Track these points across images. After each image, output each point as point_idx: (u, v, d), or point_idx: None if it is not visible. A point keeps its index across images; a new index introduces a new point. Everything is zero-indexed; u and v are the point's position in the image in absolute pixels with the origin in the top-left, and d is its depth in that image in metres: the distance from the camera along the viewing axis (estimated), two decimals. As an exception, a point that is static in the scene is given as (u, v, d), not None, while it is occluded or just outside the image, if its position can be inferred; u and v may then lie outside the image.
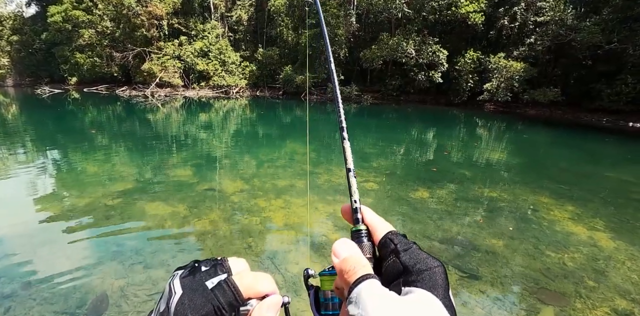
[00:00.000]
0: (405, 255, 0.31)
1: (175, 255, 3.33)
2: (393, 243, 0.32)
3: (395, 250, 0.32)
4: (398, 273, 0.29)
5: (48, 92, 30.41)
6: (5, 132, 11.02)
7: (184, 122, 14.36)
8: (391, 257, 0.31)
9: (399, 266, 0.30)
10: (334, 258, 0.32)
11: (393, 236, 0.34)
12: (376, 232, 0.35)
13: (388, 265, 0.31)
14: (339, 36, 25.57)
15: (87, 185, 5.46)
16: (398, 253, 0.31)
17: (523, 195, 5.36)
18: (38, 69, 37.74)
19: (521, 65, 20.64)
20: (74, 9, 31.49)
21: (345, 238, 0.34)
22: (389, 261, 0.31)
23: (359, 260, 0.31)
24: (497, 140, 11.68)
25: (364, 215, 0.37)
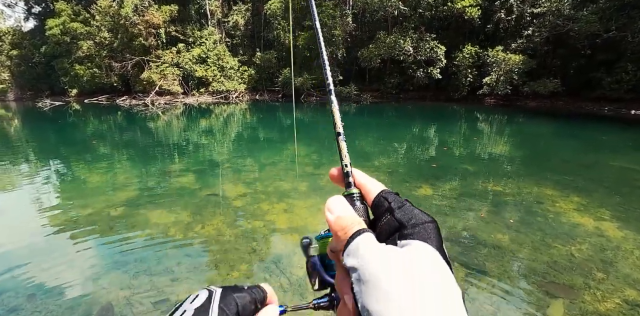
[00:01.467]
0: (399, 212, 0.31)
1: (180, 261, 3.33)
2: (387, 202, 0.32)
3: (390, 207, 0.32)
4: (394, 230, 0.29)
5: (49, 104, 30.67)
6: (8, 146, 11.11)
7: (185, 128, 14.41)
8: (386, 216, 0.31)
9: (394, 223, 0.30)
10: (328, 215, 0.31)
11: (387, 194, 0.33)
12: (369, 193, 0.35)
13: (383, 224, 0.31)
14: (336, 36, 25.59)
15: (91, 195, 5.48)
16: (392, 211, 0.31)
17: (527, 188, 5.31)
18: (38, 82, 38.09)
19: (520, 57, 20.54)
20: (72, 21, 31.78)
21: (339, 195, 0.34)
22: (383, 220, 0.31)
23: (353, 217, 0.31)
24: (498, 133, 11.62)
25: (356, 178, 0.36)
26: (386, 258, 0.25)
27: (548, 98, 20.67)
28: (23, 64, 37.86)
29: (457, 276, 1.67)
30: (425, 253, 0.26)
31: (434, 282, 0.24)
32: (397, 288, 0.23)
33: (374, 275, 0.24)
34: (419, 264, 0.25)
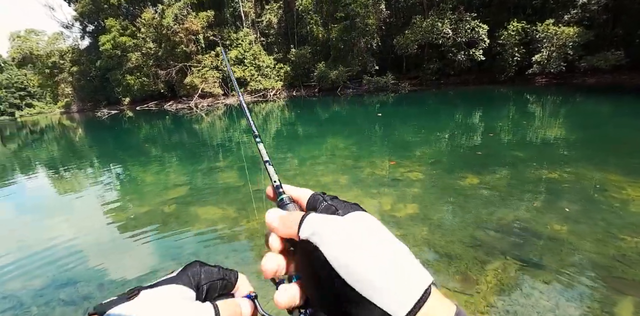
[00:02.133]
0: (333, 201, 0.36)
1: (227, 255, 3.49)
2: (321, 197, 0.38)
3: (324, 199, 0.37)
4: (332, 211, 0.35)
5: (107, 113, 33.54)
6: (74, 152, 12.36)
7: (227, 128, 15.01)
8: (322, 203, 0.36)
9: (331, 207, 0.35)
10: (269, 219, 0.36)
11: (318, 194, 0.39)
12: (301, 196, 0.40)
13: (322, 209, 0.36)
14: (369, 26, 25.01)
15: (146, 194, 5.93)
16: (327, 200, 0.37)
17: (588, 174, 4.84)
18: (96, 94, 41.78)
19: (574, 29, 18.60)
20: (121, 35, 34.30)
21: (271, 209, 0.38)
22: (321, 206, 0.36)
23: (296, 212, 0.36)
24: (552, 115, 10.69)
25: (286, 189, 0.41)
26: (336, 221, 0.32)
27: (609, 73, 18.54)
28: (82, 79, 41.71)
29: (509, 270, 1.55)
30: (367, 217, 0.33)
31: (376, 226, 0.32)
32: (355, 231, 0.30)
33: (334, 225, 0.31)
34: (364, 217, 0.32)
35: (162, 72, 32.69)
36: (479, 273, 2.77)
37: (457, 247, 3.20)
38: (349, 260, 0.28)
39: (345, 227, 0.31)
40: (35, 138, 21.12)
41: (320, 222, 0.32)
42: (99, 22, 39.26)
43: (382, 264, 0.28)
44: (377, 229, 0.31)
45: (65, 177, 8.27)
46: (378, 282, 0.27)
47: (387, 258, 0.28)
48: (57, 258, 3.79)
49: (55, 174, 8.69)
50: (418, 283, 0.28)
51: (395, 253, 0.29)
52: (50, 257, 3.82)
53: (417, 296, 0.27)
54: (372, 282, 0.27)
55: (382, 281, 0.27)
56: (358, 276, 0.27)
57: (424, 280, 0.28)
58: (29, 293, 3.14)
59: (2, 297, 3.12)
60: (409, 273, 0.28)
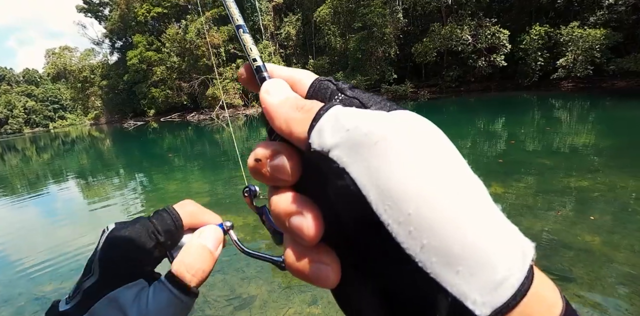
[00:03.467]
0: (352, 92, 0.22)
1: (249, 262, 3.52)
2: (332, 83, 0.23)
3: (340, 88, 0.22)
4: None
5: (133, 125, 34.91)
6: (102, 161, 12.90)
7: (247, 138, 15.30)
8: (337, 96, 0.21)
9: (352, 101, 0.21)
10: (267, 97, 0.21)
11: (328, 78, 0.24)
12: (300, 81, 0.24)
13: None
14: (387, 35, 25.12)
15: (169, 202, 5.96)
16: (344, 90, 0.22)
17: (621, 182, 4.60)
18: (123, 106, 43.69)
19: (601, 31, 17.96)
20: (147, 50, 35.93)
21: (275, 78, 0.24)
22: (335, 101, 0.21)
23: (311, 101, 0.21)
24: (580, 121, 10.29)
25: (273, 71, 0.25)
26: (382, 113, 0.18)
27: (642, 76, 17.72)
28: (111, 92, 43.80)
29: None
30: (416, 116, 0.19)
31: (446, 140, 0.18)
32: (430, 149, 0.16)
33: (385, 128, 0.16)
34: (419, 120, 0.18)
35: (185, 84, 33.92)
36: (506, 285, 2.66)
37: (482, 258, 3.10)
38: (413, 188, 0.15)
39: (403, 127, 0.17)
40: (67, 149, 22.24)
41: (352, 117, 0.17)
42: (127, 38, 41.40)
43: (475, 207, 0.16)
44: (449, 144, 0.18)
45: (94, 185, 8.64)
46: (464, 247, 0.15)
47: (477, 197, 0.16)
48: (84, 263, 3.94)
49: (85, 183, 9.09)
50: (519, 253, 0.16)
51: (481, 193, 0.17)
52: (80, 262, 3.97)
53: (519, 279, 0.15)
54: (453, 246, 0.14)
55: (474, 245, 0.15)
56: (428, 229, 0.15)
57: (527, 249, 0.16)
58: (60, 296, 3.21)
59: (35, 298, 3.27)
60: (504, 232, 0.16)
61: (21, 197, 8.14)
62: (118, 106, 44.26)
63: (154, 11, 36.18)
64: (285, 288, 2.98)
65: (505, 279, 0.15)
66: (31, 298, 3.30)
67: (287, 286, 3.01)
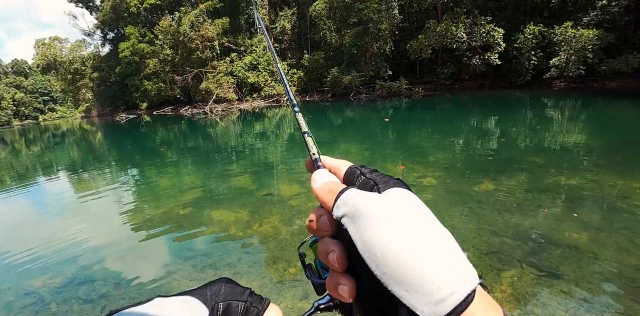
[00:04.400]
0: (371, 175, 0.32)
1: (240, 257, 3.53)
2: (359, 170, 0.34)
3: (362, 172, 0.33)
4: (371, 186, 0.31)
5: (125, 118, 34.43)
6: (94, 155, 12.73)
7: (241, 133, 15.21)
8: (360, 178, 0.32)
9: (370, 182, 0.31)
10: (314, 184, 0.33)
11: (357, 165, 0.35)
12: (339, 169, 0.36)
13: (359, 184, 0.32)
14: (382, 31, 25.06)
15: (162, 197, 6.05)
16: (365, 174, 0.33)
17: (609, 181, 4.69)
18: (115, 99, 43.03)
19: (594, 32, 18.17)
20: (140, 42, 35.33)
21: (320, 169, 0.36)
22: (359, 181, 0.32)
23: (337, 182, 0.33)
24: (571, 120, 10.43)
25: (325, 162, 0.38)
26: (372, 194, 0.28)
27: (632, 77, 17.97)
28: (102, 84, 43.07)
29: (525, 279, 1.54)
30: (404, 192, 0.29)
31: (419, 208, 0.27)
32: (386, 212, 0.25)
33: (368, 208, 0.26)
34: (402, 195, 0.28)
35: (179, 77, 33.49)
36: (494, 281, 2.71)
37: (472, 254, 3.14)
38: (376, 243, 0.24)
39: (379, 205, 0.26)
40: (57, 142, 21.88)
41: (353, 198, 0.27)
42: (119, 29, 40.61)
43: (417, 252, 0.23)
44: (418, 210, 0.27)
45: (85, 179, 8.53)
46: (407, 275, 0.22)
47: (424, 245, 0.23)
48: (76, 257, 3.91)
49: (75, 176, 8.97)
50: (460, 281, 0.22)
51: (436, 241, 0.24)
52: (69, 256, 3.94)
53: (457, 299, 0.22)
54: (400, 274, 0.22)
55: (413, 274, 0.22)
56: (385, 265, 0.23)
57: (468, 279, 0.23)
58: (49, 290, 3.25)
59: (25, 293, 3.23)
60: (449, 267, 0.23)
61: (10, 190, 8.01)
62: (110, 99, 43.55)
63: (146, 2, 35.50)
64: (277, 283, 2.99)
65: (446, 298, 0.21)
66: (20, 293, 3.27)
67: (279, 281, 3.03)
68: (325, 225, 0.30)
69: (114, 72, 39.28)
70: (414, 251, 0.23)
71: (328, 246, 0.29)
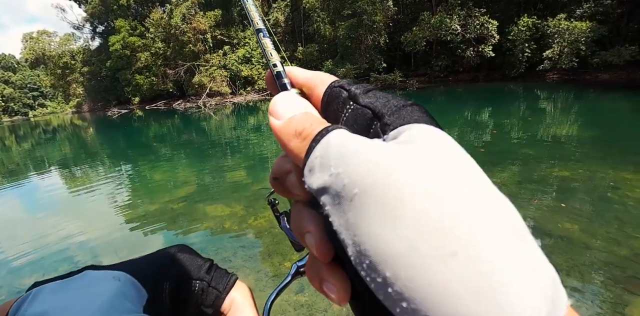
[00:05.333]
0: (366, 97, 0.20)
1: (235, 252, 3.52)
2: (344, 90, 0.21)
3: (352, 95, 0.21)
4: (366, 123, 0.19)
5: (117, 113, 33.98)
6: (86, 151, 12.58)
7: (235, 127, 15.10)
8: (348, 107, 0.20)
9: (364, 111, 0.19)
10: (274, 121, 0.21)
11: (341, 83, 0.22)
12: (316, 88, 0.23)
13: (347, 118, 0.20)
14: (377, 23, 24.86)
15: (156, 192, 6.01)
16: (356, 97, 0.20)
17: (600, 172, 4.74)
18: (107, 94, 42.41)
19: (587, 24, 18.19)
20: (130, 35, 34.69)
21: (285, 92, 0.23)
22: (345, 113, 0.20)
23: (312, 116, 0.20)
24: (564, 112, 10.50)
25: (295, 75, 0.25)
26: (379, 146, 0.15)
27: (624, 69, 18.05)
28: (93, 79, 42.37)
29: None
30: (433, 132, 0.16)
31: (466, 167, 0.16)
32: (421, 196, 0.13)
33: (374, 179, 0.14)
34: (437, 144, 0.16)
35: (171, 71, 33.03)
36: (488, 272, 2.73)
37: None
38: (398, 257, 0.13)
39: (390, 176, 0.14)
40: (48, 138, 21.57)
41: (342, 155, 0.15)
42: (109, 22, 39.81)
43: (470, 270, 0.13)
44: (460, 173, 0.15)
45: (77, 175, 8.43)
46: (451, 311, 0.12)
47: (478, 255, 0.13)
48: (68, 254, 3.88)
49: (67, 172, 8.86)
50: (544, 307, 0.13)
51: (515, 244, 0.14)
52: (62, 253, 3.90)
53: None
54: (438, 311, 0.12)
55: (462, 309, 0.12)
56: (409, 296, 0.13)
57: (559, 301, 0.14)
58: (42, 289, 3.21)
59: (17, 292, 3.20)
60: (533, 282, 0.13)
61: (1, 187, 7.90)
62: (101, 93, 42.89)
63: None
64: (273, 277, 3.00)
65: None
66: (12, 290, 3.23)
67: (275, 275, 3.03)
68: (295, 188, 0.19)
69: (105, 66, 38.62)
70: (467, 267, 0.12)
71: (302, 221, 0.19)
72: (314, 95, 0.23)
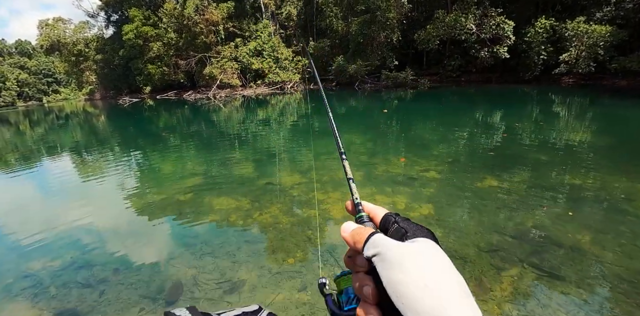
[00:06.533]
0: (404, 223, 0.37)
1: (240, 246, 3.52)
2: (393, 217, 0.39)
3: (396, 220, 0.39)
4: (401, 235, 0.35)
5: (128, 101, 34.24)
6: (98, 139, 12.70)
7: (244, 119, 15.10)
8: (394, 225, 0.38)
9: (400, 230, 0.36)
10: (344, 234, 0.38)
11: (391, 214, 0.41)
12: (377, 215, 0.42)
13: (392, 232, 0.37)
14: (390, 20, 24.55)
15: (163, 182, 6.04)
16: (398, 222, 0.38)
17: (614, 182, 4.63)
18: (119, 82, 42.66)
19: (606, 28, 17.73)
20: (143, 25, 34.76)
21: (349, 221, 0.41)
22: (391, 229, 0.38)
23: (366, 228, 0.37)
24: (578, 118, 10.28)
25: (364, 206, 0.44)
26: (400, 243, 0.33)
27: (644, 76, 17.62)
28: (106, 67, 42.63)
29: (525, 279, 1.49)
30: (429, 243, 0.33)
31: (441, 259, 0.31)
32: (412, 260, 0.30)
33: (396, 253, 0.31)
34: (426, 247, 0.33)
35: (182, 62, 33.06)
36: (494, 280, 2.70)
37: (472, 251, 3.12)
38: (401, 286, 0.28)
39: (405, 253, 0.31)
40: (61, 124, 21.85)
41: (381, 243, 0.32)
42: (123, 11, 39.88)
43: (429, 294, 0.27)
44: (439, 261, 0.31)
45: (87, 162, 8.52)
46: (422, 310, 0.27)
47: (437, 292, 0.27)
48: (76, 240, 3.92)
49: (78, 159, 8.96)
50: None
51: (449, 289, 0.28)
52: (70, 239, 3.95)
53: None
54: (416, 308, 0.27)
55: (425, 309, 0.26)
56: (404, 301, 0.28)
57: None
58: (48, 274, 3.26)
59: (24, 276, 3.25)
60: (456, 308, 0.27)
61: (13, 171, 8.03)
62: (113, 82, 43.16)
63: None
64: (275, 274, 2.99)
65: None
66: (20, 275, 3.29)
67: (277, 271, 3.02)
68: (362, 262, 0.35)
69: (118, 54, 38.79)
70: (425, 292, 0.27)
71: (364, 280, 0.33)
72: (375, 218, 0.42)
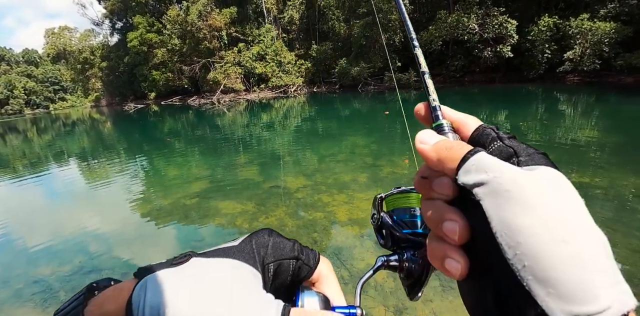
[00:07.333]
0: (510, 141, 0.27)
1: (246, 250, 3.54)
2: (494, 131, 0.28)
3: (499, 136, 0.27)
4: (508, 156, 0.25)
5: (133, 107, 34.62)
6: (103, 144, 12.86)
7: (248, 123, 15.19)
8: (494, 143, 0.27)
9: (506, 149, 0.26)
10: (421, 145, 0.27)
11: (491, 126, 0.29)
12: (466, 125, 0.30)
13: (493, 150, 0.26)
14: (392, 21, 24.60)
15: (169, 186, 6.09)
16: (503, 139, 0.27)
17: (622, 180, 4.58)
18: (124, 89, 43.20)
19: (611, 25, 17.55)
20: (148, 32, 35.24)
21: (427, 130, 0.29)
22: (492, 146, 0.27)
23: (461, 143, 0.26)
24: (584, 116, 10.18)
25: (445, 112, 0.31)
26: (523, 170, 0.22)
27: (650, 72, 17.38)
28: (111, 74, 43.23)
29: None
30: (559, 176, 0.23)
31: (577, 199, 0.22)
32: (545, 199, 0.20)
33: (517, 184, 0.21)
34: (560, 182, 0.22)
35: (186, 67, 33.43)
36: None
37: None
38: (524, 229, 0.19)
39: (533, 186, 0.21)
40: (67, 131, 22.14)
41: (494, 167, 0.22)
42: (127, 19, 40.52)
43: (575, 251, 0.19)
44: (575, 202, 0.21)
45: (94, 168, 8.62)
46: (557, 276, 0.18)
47: (583, 245, 0.19)
48: (85, 245, 3.96)
49: (85, 165, 9.07)
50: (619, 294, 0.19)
51: (595, 244, 0.20)
52: (78, 245, 3.99)
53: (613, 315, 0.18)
54: (547, 272, 0.18)
55: (565, 276, 0.18)
56: (528, 257, 0.19)
57: (627, 295, 0.19)
58: (57, 279, 3.29)
59: (34, 281, 3.29)
60: (609, 277, 0.19)
61: (22, 178, 8.14)
62: (119, 88, 43.77)
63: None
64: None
65: (599, 312, 0.17)
66: (29, 280, 3.32)
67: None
68: (446, 188, 0.25)
69: (123, 61, 39.34)
70: (570, 248, 0.19)
71: (445, 213, 0.24)
72: (464, 130, 0.30)
